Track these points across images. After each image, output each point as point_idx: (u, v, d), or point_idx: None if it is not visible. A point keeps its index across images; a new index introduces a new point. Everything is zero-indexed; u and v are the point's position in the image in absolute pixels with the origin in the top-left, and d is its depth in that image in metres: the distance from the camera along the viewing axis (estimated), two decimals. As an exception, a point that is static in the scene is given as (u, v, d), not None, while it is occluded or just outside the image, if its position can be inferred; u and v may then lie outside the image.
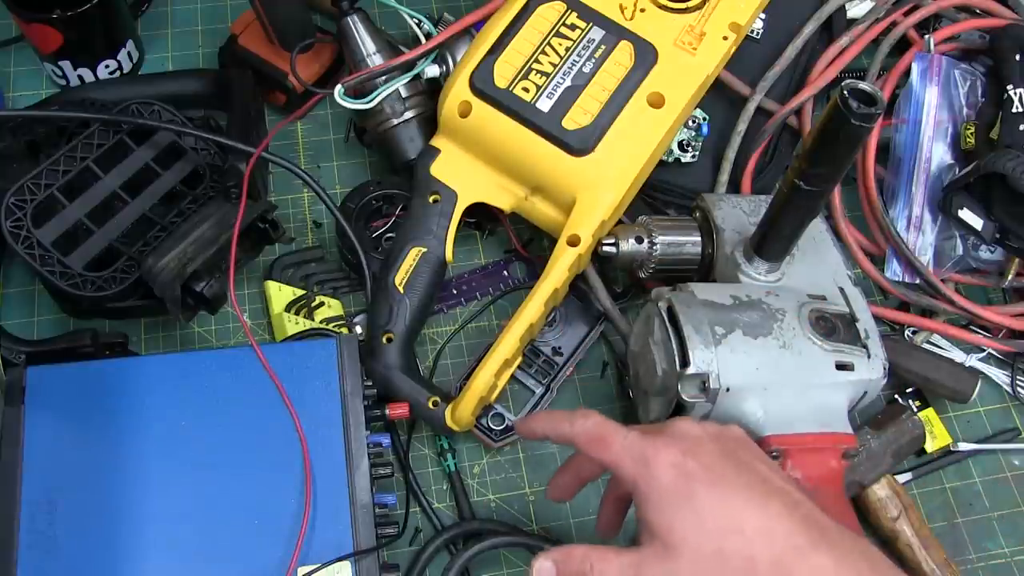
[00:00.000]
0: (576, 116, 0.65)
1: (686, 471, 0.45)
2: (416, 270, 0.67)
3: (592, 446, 0.49)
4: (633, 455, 0.47)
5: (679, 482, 0.45)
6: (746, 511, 0.44)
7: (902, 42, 0.82)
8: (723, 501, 0.45)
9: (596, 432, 0.49)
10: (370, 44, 0.73)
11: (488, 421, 0.68)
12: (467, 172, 0.68)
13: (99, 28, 0.77)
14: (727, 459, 0.46)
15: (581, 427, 0.49)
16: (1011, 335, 0.74)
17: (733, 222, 0.66)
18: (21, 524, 0.54)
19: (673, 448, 0.46)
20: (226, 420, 0.59)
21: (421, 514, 0.66)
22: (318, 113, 0.82)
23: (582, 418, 0.50)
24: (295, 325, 0.69)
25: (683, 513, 0.45)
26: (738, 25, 0.69)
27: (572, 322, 0.72)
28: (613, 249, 0.66)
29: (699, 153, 0.75)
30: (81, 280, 0.63)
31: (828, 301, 0.61)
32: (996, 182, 0.70)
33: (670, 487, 0.45)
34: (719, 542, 0.44)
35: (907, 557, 0.64)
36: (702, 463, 0.46)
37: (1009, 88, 0.73)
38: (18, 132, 0.70)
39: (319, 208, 0.77)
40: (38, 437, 0.57)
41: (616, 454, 0.47)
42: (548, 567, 0.48)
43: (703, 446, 0.46)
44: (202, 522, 0.56)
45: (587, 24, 0.68)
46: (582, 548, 0.47)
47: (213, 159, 0.69)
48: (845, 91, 0.47)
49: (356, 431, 0.59)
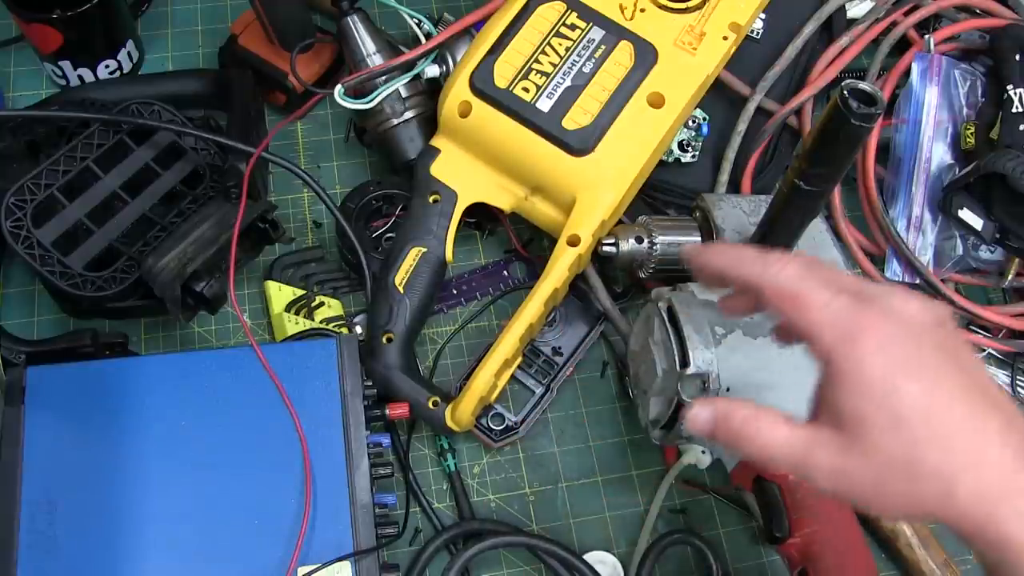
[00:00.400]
0: (576, 116, 0.65)
1: (897, 360, 0.38)
2: (416, 270, 0.67)
3: (785, 303, 0.40)
4: (837, 327, 0.39)
5: (887, 371, 0.38)
6: (960, 425, 0.37)
7: (902, 42, 0.82)
8: (932, 407, 0.37)
9: (792, 288, 0.40)
10: (370, 44, 0.73)
11: (488, 421, 0.68)
12: (467, 172, 0.68)
13: (99, 28, 0.77)
14: (948, 357, 0.38)
15: (774, 277, 0.41)
16: (1011, 335, 0.74)
17: (733, 222, 0.66)
18: (21, 524, 0.54)
19: (886, 329, 0.38)
20: (226, 420, 0.59)
21: (421, 514, 0.66)
22: (318, 113, 0.82)
23: (778, 263, 0.41)
24: (295, 325, 0.69)
25: (883, 410, 0.37)
26: (738, 25, 0.69)
27: (572, 322, 0.72)
28: (613, 249, 0.66)
29: (699, 153, 0.75)
30: (81, 280, 0.63)
31: (828, 301, 0.60)
32: (996, 182, 0.70)
33: (874, 376, 0.38)
34: (917, 453, 0.37)
35: (907, 557, 0.64)
36: (918, 355, 0.38)
37: (1009, 88, 0.73)
38: (18, 132, 0.70)
39: (319, 208, 0.77)
40: (38, 437, 0.57)
41: (814, 321, 0.39)
42: (706, 417, 0.42)
43: (924, 334, 0.39)
44: (202, 522, 0.56)
45: (587, 24, 0.68)
46: (747, 408, 0.41)
47: (213, 159, 0.69)
48: (845, 91, 0.47)
49: (356, 431, 0.59)
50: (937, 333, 0.39)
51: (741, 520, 0.68)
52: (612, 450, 0.70)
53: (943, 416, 0.37)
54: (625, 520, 0.67)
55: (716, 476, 0.68)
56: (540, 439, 0.70)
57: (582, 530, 0.67)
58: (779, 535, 0.57)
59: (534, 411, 0.69)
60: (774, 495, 0.58)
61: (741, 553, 0.67)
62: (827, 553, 0.56)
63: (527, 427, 0.69)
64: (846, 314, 0.39)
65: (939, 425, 0.37)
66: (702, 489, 0.68)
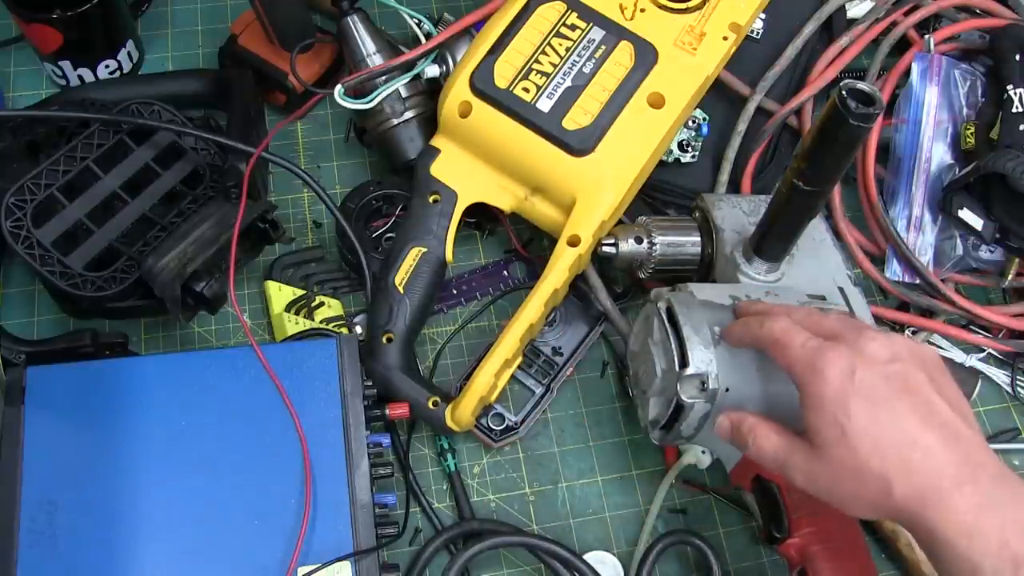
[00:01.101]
0: (576, 116, 0.65)
1: (849, 388, 0.46)
2: (416, 270, 0.67)
3: (774, 348, 0.50)
4: (806, 361, 0.48)
5: (839, 394, 0.46)
6: (895, 437, 0.45)
7: (902, 42, 0.82)
8: (875, 422, 0.45)
9: (777, 336, 0.50)
10: (370, 44, 0.73)
11: (488, 421, 0.68)
12: (467, 172, 0.68)
13: (99, 28, 0.77)
14: (896, 381, 0.46)
15: (768, 330, 0.51)
16: (1011, 335, 0.74)
17: (733, 222, 0.66)
18: (21, 524, 0.54)
19: (845, 360, 0.47)
20: (226, 420, 0.59)
21: (421, 514, 0.66)
22: (318, 113, 0.82)
23: (771, 320, 0.51)
24: (295, 325, 0.69)
25: (834, 424, 0.46)
26: (738, 25, 0.69)
27: (572, 322, 0.72)
28: (613, 249, 0.66)
29: (699, 153, 0.75)
30: (81, 280, 0.63)
31: (828, 301, 0.61)
32: (996, 182, 0.70)
33: (830, 396, 0.46)
34: (861, 459, 0.45)
35: (907, 557, 0.64)
36: (868, 380, 0.46)
37: (1009, 88, 0.73)
38: (18, 132, 0.70)
39: (319, 208, 0.77)
40: (38, 437, 0.57)
41: (792, 359, 0.49)
42: (727, 426, 0.53)
43: (876, 365, 0.47)
44: (202, 522, 0.56)
45: (587, 24, 0.68)
46: (754, 419, 0.51)
47: (213, 159, 0.69)
48: (844, 91, 0.47)
49: (356, 431, 0.59)
50: (890, 366, 0.47)
51: (741, 520, 0.68)
52: (612, 450, 0.70)
53: (879, 433, 0.45)
54: (625, 520, 0.67)
55: (716, 476, 0.68)
56: (540, 439, 0.70)
57: (582, 530, 0.67)
58: (779, 535, 0.57)
59: (534, 411, 0.69)
60: (774, 495, 0.58)
61: (741, 553, 0.67)
62: (827, 553, 0.56)
63: (527, 427, 0.69)
64: (814, 352, 0.48)
65: (878, 439, 0.45)
66: (702, 489, 0.68)
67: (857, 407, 0.46)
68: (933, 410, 0.46)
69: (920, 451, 0.45)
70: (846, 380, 0.46)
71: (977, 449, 0.45)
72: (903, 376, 0.47)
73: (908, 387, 0.47)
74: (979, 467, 0.45)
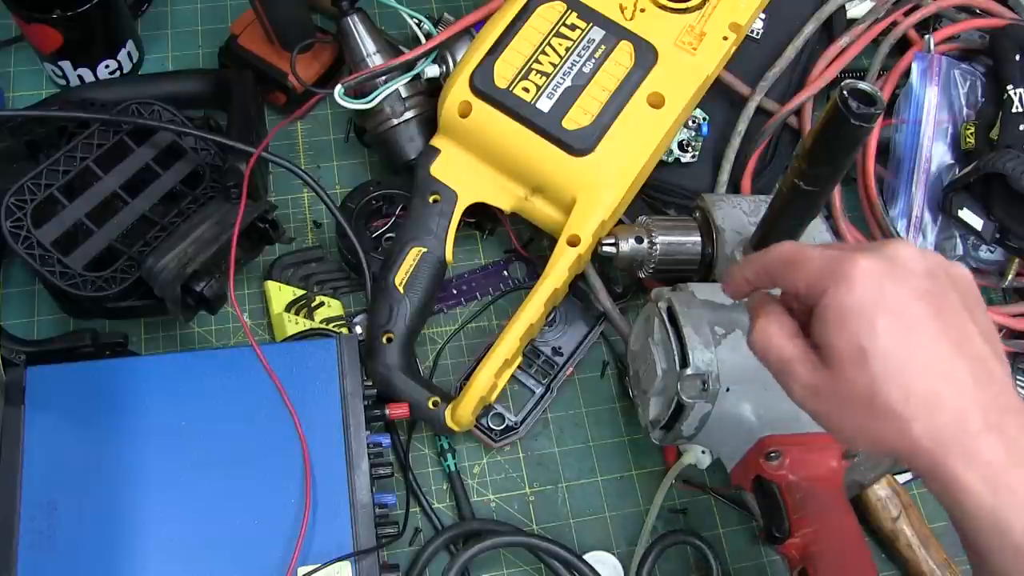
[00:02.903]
0: (576, 116, 0.65)
1: (874, 300, 0.39)
2: (416, 270, 0.67)
3: (786, 270, 0.43)
4: (825, 270, 0.40)
5: (862, 308, 0.39)
6: (925, 367, 0.38)
7: (902, 42, 0.82)
8: (904, 345, 0.38)
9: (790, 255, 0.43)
10: (370, 44, 0.73)
11: (488, 421, 0.68)
12: (467, 172, 0.68)
13: (99, 28, 0.77)
14: (929, 304, 0.39)
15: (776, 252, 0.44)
16: (1011, 335, 0.74)
17: (733, 222, 0.66)
18: (21, 524, 0.54)
19: (876, 267, 0.39)
20: (226, 420, 0.59)
21: (421, 514, 0.66)
22: (318, 113, 0.82)
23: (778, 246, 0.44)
24: (295, 325, 0.69)
25: (854, 342, 0.39)
26: (738, 25, 0.69)
27: (572, 322, 0.72)
28: (613, 249, 0.66)
29: (699, 153, 0.75)
30: (81, 280, 0.63)
31: (828, 301, 0.60)
32: (996, 182, 0.70)
33: (854, 308, 0.39)
34: (879, 388, 0.39)
35: (907, 557, 0.64)
36: (900, 296, 0.39)
37: (1009, 88, 0.73)
38: (18, 132, 0.70)
39: (319, 208, 0.77)
40: (38, 437, 0.57)
41: (807, 271, 0.41)
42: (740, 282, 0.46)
43: (911, 279, 0.39)
44: (202, 522, 0.56)
45: (587, 24, 0.68)
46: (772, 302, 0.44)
47: (213, 159, 0.69)
48: (845, 91, 0.47)
49: (356, 431, 0.59)
50: (925, 281, 0.40)
51: (741, 520, 0.68)
52: (612, 450, 0.70)
53: (906, 358, 0.38)
54: (625, 520, 0.67)
55: (716, 476, 0.68)
56: (540, 439, 0.70)
57: (582, 530, 0.67)
58: (779, 535, 0.57)
59: (534, 411, 0.69)
60: (774, 495, 0.57)
61: (741, 553, 0.67)
62: (827, 553, 0.56)
63: (527, 427, 0.69)
64: (837, 259, 0.40)
65: (901, 366, 0.38)
66: (702, 489, 0.68)
67: (885, 326, 0.38)
68: (966, 338, 0.39)
69: (953, 385, 0.38)
70: (875, 291, 0.39)
71: (1007, 393, 0.39)
72: (939, 294, 0.40)
73: (943, 309, 0.39)
74: (1008, 413, 0.38)
